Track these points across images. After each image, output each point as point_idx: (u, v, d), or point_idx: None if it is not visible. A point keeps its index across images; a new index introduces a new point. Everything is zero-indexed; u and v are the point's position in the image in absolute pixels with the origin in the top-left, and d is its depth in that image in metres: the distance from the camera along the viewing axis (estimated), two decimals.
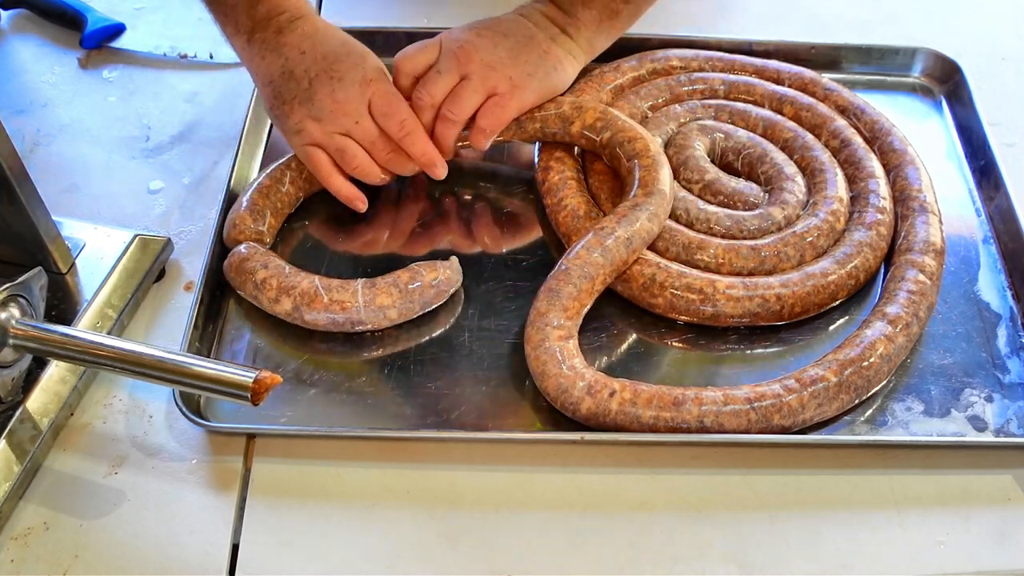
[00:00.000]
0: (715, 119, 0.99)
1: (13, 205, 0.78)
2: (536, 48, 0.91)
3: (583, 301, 0.83)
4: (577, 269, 0.82)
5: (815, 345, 0.85)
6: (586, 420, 0.77)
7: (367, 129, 0.88)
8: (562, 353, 0.78)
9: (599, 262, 0.83)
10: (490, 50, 0.89)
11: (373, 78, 0.88)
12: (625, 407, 0.76)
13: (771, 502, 0.76)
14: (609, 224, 0.85)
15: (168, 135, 1.03)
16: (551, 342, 0.79)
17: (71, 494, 0.75)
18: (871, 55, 1.10)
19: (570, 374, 0.77)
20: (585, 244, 0.84)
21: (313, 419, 0.79)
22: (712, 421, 0.76)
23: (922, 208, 0.90)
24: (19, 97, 1.07)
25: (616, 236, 0.84)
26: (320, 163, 0.89)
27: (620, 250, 0.84)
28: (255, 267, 0.84)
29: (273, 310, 0.83)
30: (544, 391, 0.78)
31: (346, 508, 0.75)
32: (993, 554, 0.73)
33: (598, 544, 0.73)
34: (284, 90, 0.88)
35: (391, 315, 0.83)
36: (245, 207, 0.89)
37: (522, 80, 0.90)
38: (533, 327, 0.80)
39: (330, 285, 0.82)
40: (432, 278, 0.84)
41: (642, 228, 0.85)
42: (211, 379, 0.68)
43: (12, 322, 0.71)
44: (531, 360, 0.79)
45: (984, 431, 0.79)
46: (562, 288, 0.81)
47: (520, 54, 0.90)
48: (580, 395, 0.76)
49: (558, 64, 0.92)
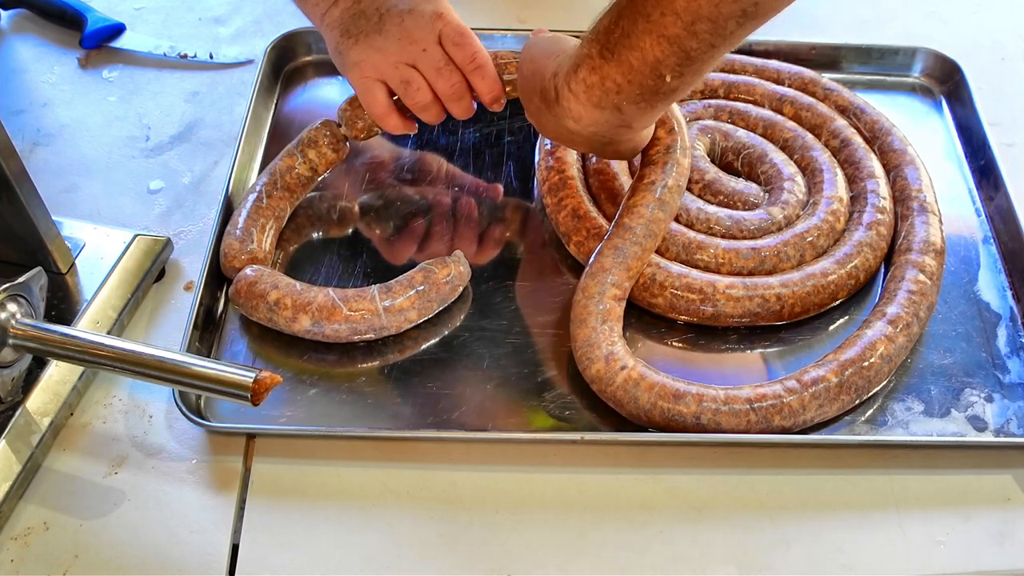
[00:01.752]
0: (715, 119, 0.99)
1: (13, 205, 0.78)
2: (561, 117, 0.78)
3: (644, 261, 0.83)
4: (641, 227, 0.82)
5: (815, 345, 0.85)
6: (590, 380, 0.78)
7: (435, 56, 0.85)
8: (606, 313, 0.80)
9: (659, 217, 0.82)
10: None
11: (444, 12, 0.86)
12: (628, 385, 0.76)
13: (771, 502, 0.76)
14: (654, 175, 0.83)
15: (168, 135, 1.03)
16: (605, 299, 0.80)
17: (71, 494, 0.75)
18: (871, 55, 1.10)
19: (604, 335, 0.78)
20: (641, 200, 0.82)
21: (313, 419, 0.79)
22: (709, 420, 0.75)
23: (922, 208, 0.90)
24: (19, 97, 1.07)
25: (667, 186, 0.82)
26: (376, 100, 0.88)
27: (675, 198, 0.83)
28: (266, 289, 0.82)
29: (291, 329, 0.82)
30: (573, 336, 0.80)
31: (346, 508, 0.75)
32: (993, 554, 0.73)
33: (598, 544, 0.73)
34: (352, 27, 0.87)
35: (411, 316, 0.83)
36: (235, 234, 0.87)
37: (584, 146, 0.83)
38: (593, 279, 0.81)
39: (346, 296, 0.82)
40: (445, 274, 0.84)
41: (683, 168, 0.84)
42: (211, 379, 0.68)
43: (12, 322, 0.71)
44: (577, 305, 0.80)
45: (984, 431, 0.79)
46: (628, 247, 0.81)
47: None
48: (599, 355, 0.77)
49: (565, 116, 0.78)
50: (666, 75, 0.69)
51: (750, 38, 1.07)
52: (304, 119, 1.03)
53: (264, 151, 1.00)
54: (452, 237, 0.93)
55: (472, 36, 0.87)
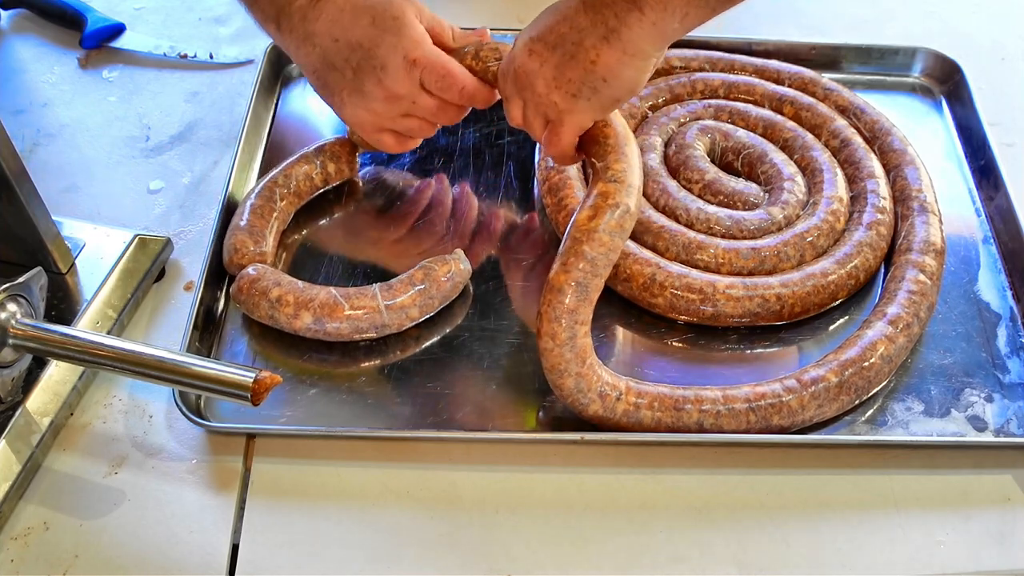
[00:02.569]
0: (715, 119, 0.99)
1: (13, 205, 0.78)
2: (582, 61, 0.76)
3: (600, 289, 0.78)
4: (603, 257, 0.75)
5: (815, 345, 0.85)
6: (590, 420, 0.77)
7: (426, 104, 0.84)
8: (582, 352, 0.76)
9: (618, 245, 0.76)
10: (537, 72, 0.78)
11: (416, 56, 0.82)
12: (629, 411, 0.76)
13: (771, 502, 0.76)
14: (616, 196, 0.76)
15: (168, 135, 1.03)
16: (577, 340, 0.76)
17: (71, 494, 0.75)
18: (871, 55, 1.10)
19: (588, 375, 0.76)
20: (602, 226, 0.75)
21: (313, 419, 0.79)
22: (712, 423, 0.76)
23: (922, 208, 0.90)
24: (19, 97, 1.07)
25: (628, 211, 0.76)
26: (389, 145, 0.88)
27: (632, 222, 0.77)
28: (268, 286, 0.82)
29: (293, 327, 0.82)
30: (557, 386, 0.77)
31: (346, 508, 0.75)
32: (993, 554, 0.73)
33: (598, 544, 0.73)
34: (330, 81, 0.85)
35: (412, 314, 0.83)
36: (244, 229, 0.87)
37: (567, 103, 0.79)
38: (559, 323, 0.75)
39: (347, 293, 0.82)
40: (446, 271, 0.84)
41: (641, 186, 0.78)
42: (211, 379, 0.68)
43: (12, 322, 0.71)
44: (551, 356, 0.76)
45: (984, 431, 0.79)
46: (589, 281, 0.76)
47: (565, 71, 0.77)
48: (592, 399, 0.76)
49: (608, 74, 0.76)
50: None
51: (750, 38, 1.08)
52: (304, 119, 1.03)
53: (264, 151, 1.00)
54: (451, 236, 0.93)
55: (451, 68, 0.82)
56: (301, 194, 0.93)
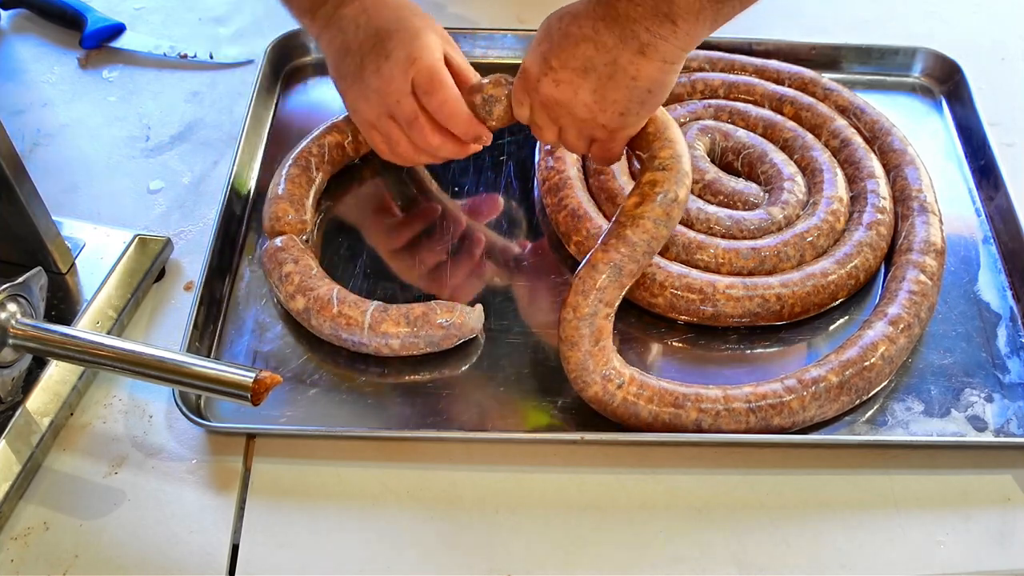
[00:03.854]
0: (715, 119, 0.99)
1: (13, 205, 0.78)
2: (623, 79, 0.76)
3: (636, 278, 0.80)
4: (644, 243, 0.77)
5: (815, 345, 0.85)
6: (589, 401, 0.77)
7: (407, 109, 0.83)
8: (599, 332, 0.77)
9: (663, 234, 0.78)
10: (572, 100, 0.78)
11: (419, 56, 0.82)
12: (628, 400, 0.76)
13: (771, 502, 0.76)
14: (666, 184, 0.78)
15: (168, 135, 1.03)
16: (597, 319, 0.77)
17: (71, 494, 0.75)
18: (871, 55, 1.10)
19: (598, 356, 0.77)
20: (649, 212, 0.77)
21: (313, 419, 0.79)
22: (710, 423, 0.76)
23: (922, 208, 0.90)
24: (19, 97, 1.07)
25: (676, 199, 0.78)
26: (377, 145, 0.89)
27: (678, 214, 0.79)
28: (285, 259, 0.84)
29: (288, 305, 0.83)
30: (565, 358, 0.78)
31: (346, 508, 0.75)
32: (993, 554, 0.73)
33: (598, 544, 0.73)
34: (342, 67, 0.86)
35: (393, 345, 0.81)
36: (283, 197, 0.89)
37: (616, 122, 0.79)
38: (586, 297, 0.76)
39: (346, 298, 0.82)
40: (444, 319, 0.81)
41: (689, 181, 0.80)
42: (211, 379, 0.68)
43: (12, 322, 0.71)
44: (567, 326, 0.77)
45: (984, 431, 0.79)
46: (626, 264, 0.77)
47: (607, 93, 0.76)
48: (595, 378, 0.76)
49: (653, 84, 0.76)
50: None
51: (750, 38, 1.08)
52: (304, 119, 1.03)
53: (264, 151, 1.00)
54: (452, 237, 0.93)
55: (442, 79, 0.82)
56: (334, 163, 0.94)
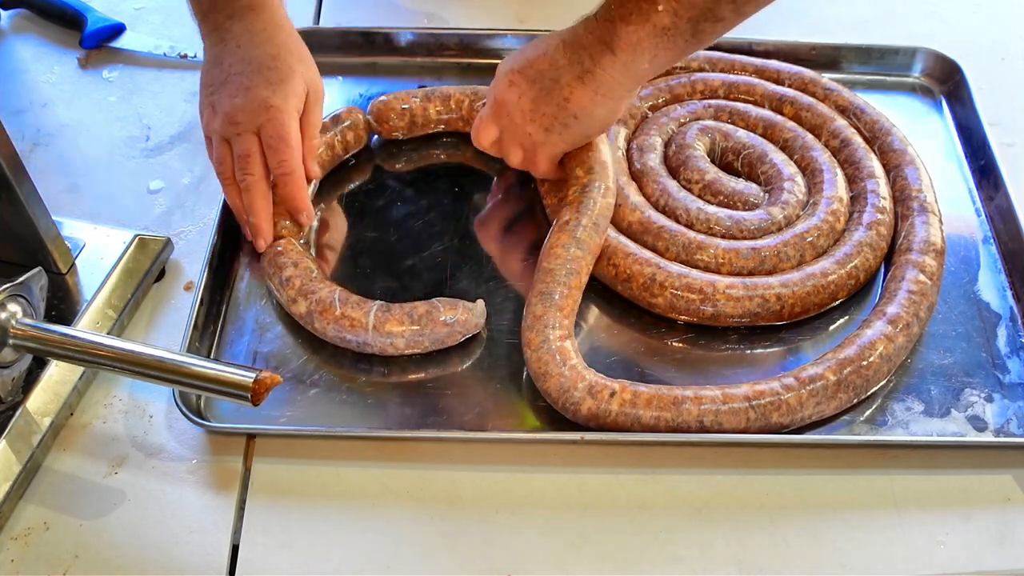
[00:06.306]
0: (715, 119, 0.99)
1: (13, 205, 0.78)
2: (556, 97, 0.82)
3: (574, 297, 0.83)
4: (561, 268, 0.82)
5: (815, 345, 0.85)
6: (587, 421, 0.77)
7: (244, 145, 0.85)
8: (561, 353, 0.78)
9: (578, 255, 0.83)
10: (515, 103, 0.85)
11: (275, 104, 0.85)
12: (625, 408, 0.76)
13: (771, 502, 0.76)
14: (570, 215, 0.85)
15: (168, 135, 1.03)
16: (551, 343, 0.79)
17: (71, 494, 0.75)
18: (871, 55, 1.10)
19: (571, 375, 0.77)
20: (558, 242, 0.84)
21: (313, 419, 0.79)
22: (711, 421, 0.76)
23: (922, 208, 0.90)
24: (19, 97, 1.07)
25: (583, 225, 0.84)
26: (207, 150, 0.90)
27: (592, 236, 0.85)
28: (285, 263, 0.85)
29: (290, 309, 0.83)
30: (545, 391, 0.78)
31: (346, 508, 0.75)
32: (993, 554, 0.73)
33: (598, 544, 0.73)
34: (209, 74, 0.89)
35: (398, 344, 0.81)
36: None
37: (540, 136, 0.85)
38: (532, 330, 0.80)
39: (347, 299, 0.82)
40: (448, 316, 0.81)
41: (602, 207, 0.86)
42: (211, 379, 0.68)
43: (12, 322, 0.71)
44: (532, 362, 0.79)
45: (984, 431, 0.79)
46: (553, 289, 0.81)
47: (540, 106, 0.84)
48: (581, 396, 0.76)
49: (580, 111, 0.82)
50: None
51: (750, 38, 1.08)
52: None
53: None
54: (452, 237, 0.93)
55: (288, 143, 0.85)
56: (323, 165, 0.95)
